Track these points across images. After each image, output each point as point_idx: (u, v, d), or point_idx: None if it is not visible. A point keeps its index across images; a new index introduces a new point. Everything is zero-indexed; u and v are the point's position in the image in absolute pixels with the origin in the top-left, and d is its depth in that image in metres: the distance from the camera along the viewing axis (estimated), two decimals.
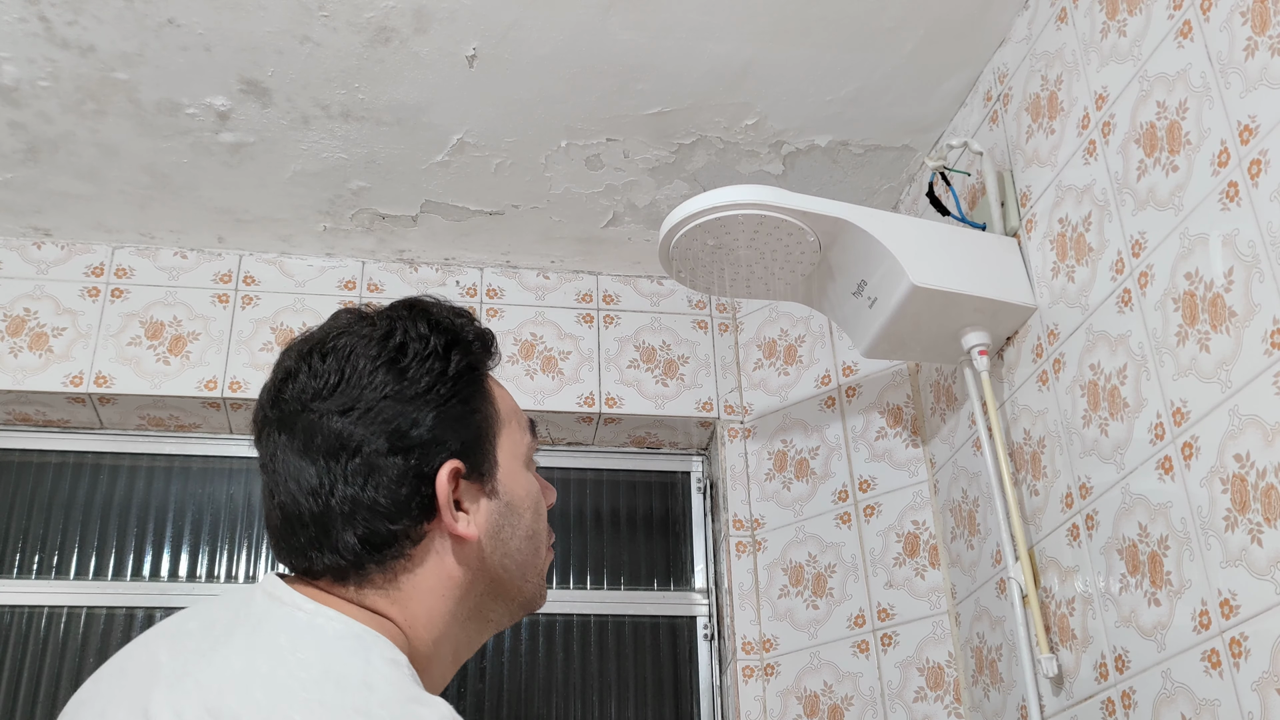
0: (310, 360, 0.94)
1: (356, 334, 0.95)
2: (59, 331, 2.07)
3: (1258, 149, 1.19)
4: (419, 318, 0.98)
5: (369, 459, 0.91)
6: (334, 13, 1.67)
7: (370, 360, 0.94)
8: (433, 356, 0.95)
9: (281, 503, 0.92)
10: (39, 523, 2.07)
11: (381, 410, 0.92)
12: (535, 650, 2.12)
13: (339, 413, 0.92)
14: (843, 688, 1.93)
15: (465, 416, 0.95)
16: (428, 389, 0.94)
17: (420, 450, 0.92)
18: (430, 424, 0.92)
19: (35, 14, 1.65)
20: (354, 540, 0.89)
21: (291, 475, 0.91)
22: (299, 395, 0.93)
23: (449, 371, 0.95)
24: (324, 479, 0.91)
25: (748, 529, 2.13)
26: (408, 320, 0.97)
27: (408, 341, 0.95)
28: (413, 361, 0.94)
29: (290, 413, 0.93)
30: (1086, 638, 1.46)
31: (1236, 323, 1.21)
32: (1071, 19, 1.59)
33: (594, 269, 2.32)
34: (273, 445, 0.93)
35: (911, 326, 1.66)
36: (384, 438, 0.91)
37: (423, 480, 0.91)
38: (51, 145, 1.91)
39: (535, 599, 1.00)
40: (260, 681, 0.76)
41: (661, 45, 1.76)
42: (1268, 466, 1.15)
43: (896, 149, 2.02)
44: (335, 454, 0.91)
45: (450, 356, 0.96)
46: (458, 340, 0.98)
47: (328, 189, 2.05)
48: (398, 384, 0.93)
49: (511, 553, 0.96)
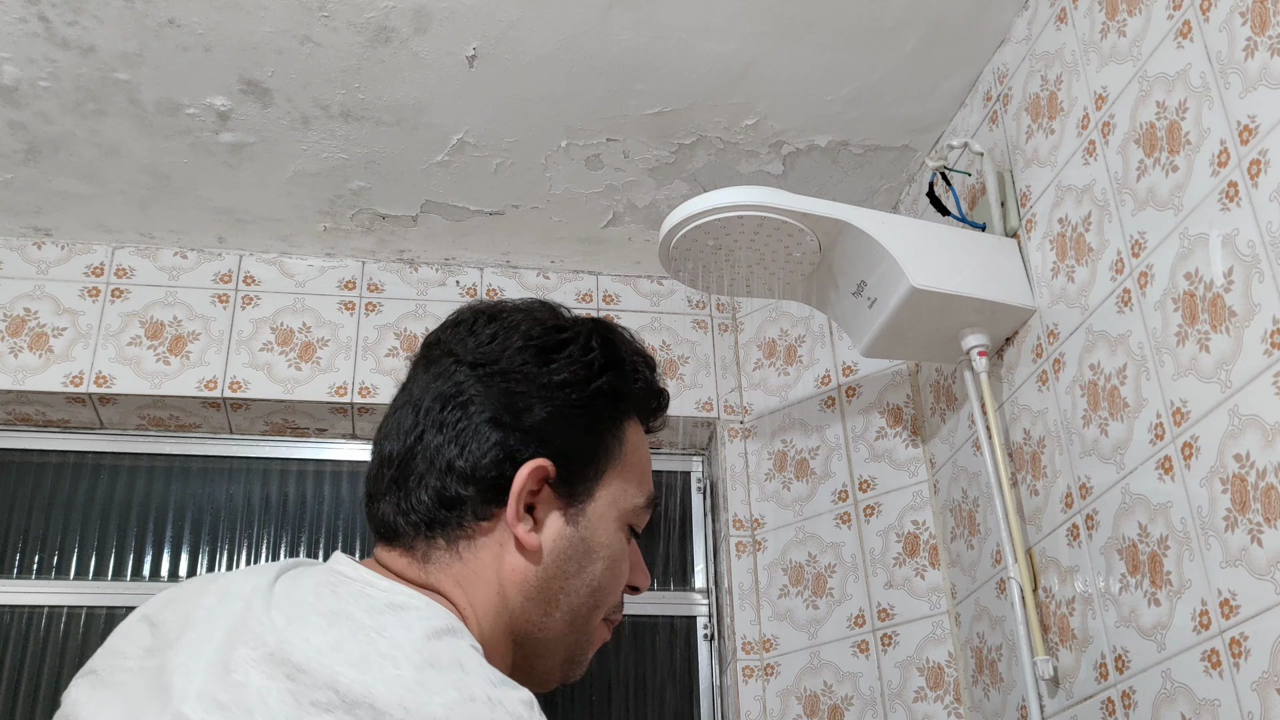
0: (479, 317, 0.93)
1: (533, 315, 0.94)
2: (59, 331, 2.07)
3: (1257, 149, 1.19)
4: (601, 333, 0.95)
5: (470, 417, 0.88)
6: (334, 13, 1.67)
7: (526, 338, 0.92)
8: (586, 365, 0.92)
9: (379, 441, 0.91)
10: (39, 523, 2.07)
11: (508, 379, 0.90)
12: None
13: (470, 365, 0.90)
14: (843, 688, 1.93)
15: (583, 432, 0.92)
16: (560, 385, 0.91)
17: (521, 434, 0.88)
18: (544, 416, 0.89)
19: (35, 14, 1.65)
20: (426, 498, 0.87)
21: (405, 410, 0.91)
22: (450, 340, 0.92)
23: (592, 384, 0.92)
24: (424, 420, 0.89)
25: (748, 529, 2.13)
26: (588, 330, 0.95)
27: (572, 341, 0.92)
28: (565, 359, 0.91)
29: (435, 355, 0.92)
30: (1086, 638, 1.46)
31: (1236, 323, 1.21)
32: (1071, 19, 1.59)
33: (594, 269, 2.32)
34: (412, 381, 0.93)
35: (911, 327, 1.66)
36: (493, 404, 0.89)
37: (509, 462, 0.88)
38: (52, 145, 1.91)
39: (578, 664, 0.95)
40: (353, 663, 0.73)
41: (661, 45, 1.76)
42: (1268, 466, 1.15)
43: (896, 149, 2.02)
44: (446, 400, 0.89)
45: (603, 374, 0.93)
46: (620, 367, 0.95)
47: (328, 189, 2.05)
48: (536, 367, 0.90)
49: (570, 589, 0.91)
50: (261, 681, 0.72)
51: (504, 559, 0.88)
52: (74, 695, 0.81)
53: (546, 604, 0.90)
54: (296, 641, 0.74)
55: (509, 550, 0.88)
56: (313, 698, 0.71)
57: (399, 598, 0.80)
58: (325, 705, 0.70)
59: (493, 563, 0.88)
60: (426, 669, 0.74)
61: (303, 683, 0.72)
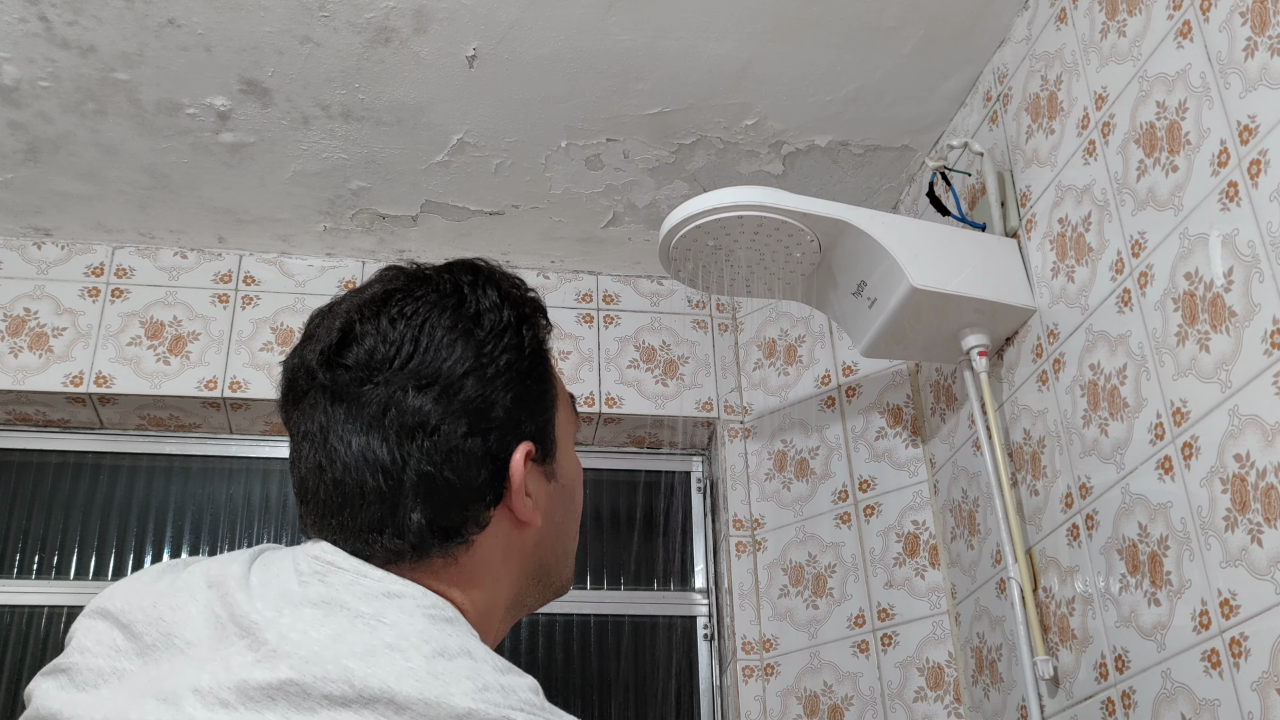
0: (378, 323, 0.86)
1: (424, 299, 0.88)
2: (59, 331, 2.07)
3: (1257, 149, 1.19)
4: (487, 285, 0.91)
5: (447, 439, 0.84)
6: (334, 13, 1.67)
7: (446, 330, 0.87)
8: (509, 331, 0.89)
9: (337, 480, 0.83)
10: (39, 523, 2.07)
11: (463, 388, 0.85)
12: (535, 650, 2.12)
13: (416, 388, 0.84)
14: (843, 688, 1.93)
15: (538, 397, 0.90)
16: (507, 367, 0.88)
17: (499, 432, 0.86)
18: (509, 404, 0.87)
19: (35, 14, 1.65)
20: (421, 521, 0.82)
21: (353, 451, 0.83)
22: (365, 362, 0.84)
23: (524, 348, 0.90)
24: (396, 456, 0.82)
25: (748, 529, 2.13)
26: (477, 288, 0.90)
27: (482, 312, 0.89)
28: (490, 336, 0.88)
29: (351, 380, 0.84)
30: (1086, 638, 1.46)
31: (1236, 323, 1.21)
32: (1071, 19, 1.59)
33: (594, 269, 2.32)
34: (323, 415, 0.85)
35: (911, 327, 1.66)
36: (464, 418, 0.84)
37: (498, 462, 0.85)
38: (52, 145, 1.91)
39: (568, 584, 0.95)
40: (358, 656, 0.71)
41: (661, 45, 1.76)
42: (1268, 466, 1.15)
43: (896, 149, 2.02)
44: (411, 432, 0.83)
45: (523, 332, 0.90)
46: (527, 314, 0.92)
47: (328, 189, 2.05)
48: (476, 360, 0.86)
49: (562, 536, 0.92)
50: (264, 676, 0.69)
51: (506, 547, 0.87)
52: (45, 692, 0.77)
53: (549, 558, 0.91)
54: (294, 635, 0.72)
55: (508, 537, 0.87)
56: (325, 691, 0.68)
57: (394, 586, 0.78)
58: (340, 700, 0.68)
59: (493, 557, 0.87)
60: (436, 658, 0.72)
61: (310, 676, 0.69)
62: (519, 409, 0.87)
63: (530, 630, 2.13)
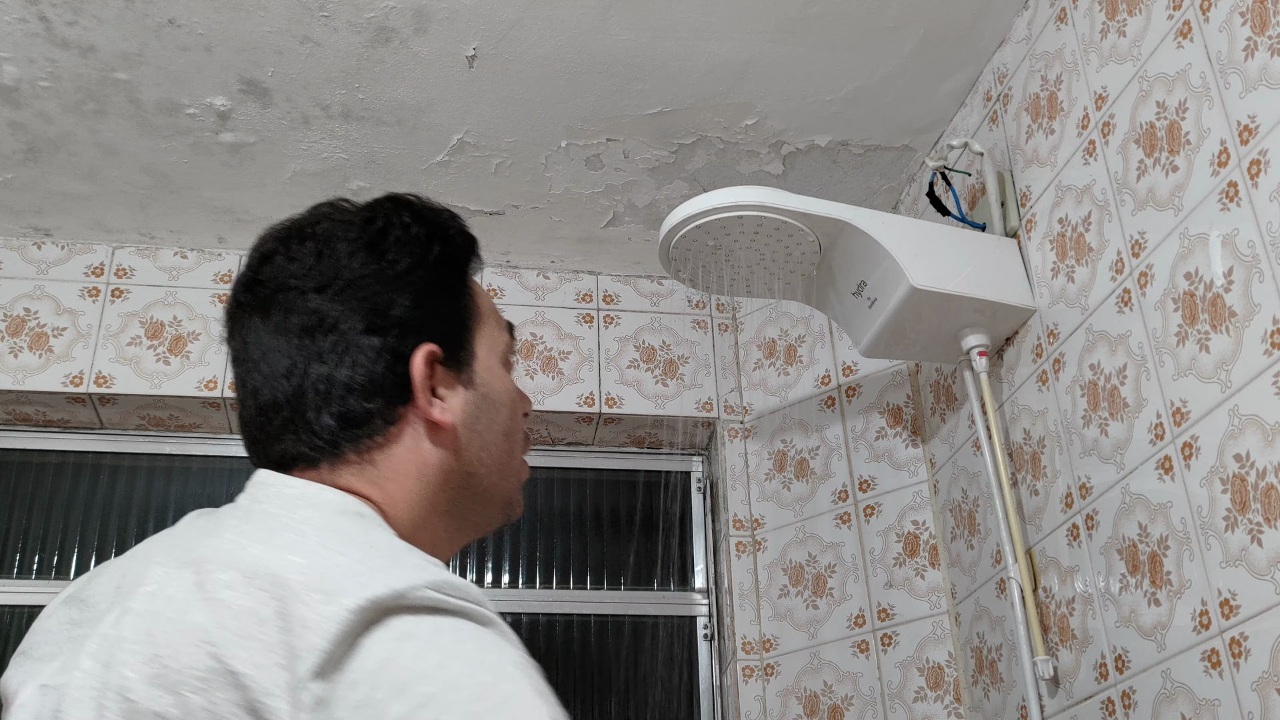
0: (289, 244, 0.93)
1: (336, 219, 0.95)
2: (59, 331, 2.07)
3: (1257, 149, 1.19)
4: (402, 208, 0.98)
5: (345, 336, 0.90)
6: (334, 13, 1.67)
7: (350, 242, 0.93)
8: (414, 242, 0.95)
9: (255, 389, 0.90)
10: (39, 523, 2.07)
11: (360, 287, 0.91)
12: (535, 650, 2.11)
13: (315, 290, 0.90)
14: (843, 688, 1.93)
15: (444, 303, 0.95)
16: (407, 270, 0.93)
17: (398, 330, 0.91)
18: (408, 305, 0.92)
19: (35, 14, 1.65)
20: (330, 420, 0.88)
21: (266, 358, 0.90)
22: (275, 276, 0.91)
23: (429, 258, 0.95)
24: (298, 358, 0.89)
25: (748, 529, 2.13)
26: (390, 209, 0.97)
27: (389, 227, 0.95)
28: (393, 245, 0.94)
29: (266, 295, 0.91)
30: (1086, 638, 1.46)
31: (1236, 323, 1.21)
32: (1071, 19, 1.59)
33: (594, 269, 2.32)
34: (245, 330, 0.91)
35: (911, 327, 1.66)
36: (361, 315, 0.90)
37: (398, 360, 0.90)
38: (52, 145, 1.91)
39: (513, 504, 0.99)
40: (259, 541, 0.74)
41: (661, 45, 1.76)
42: (1268, 466, 1.15)
43: (896, 149, 2.02)
44: (311, 332, 0.89)
45: (432, 245, 0.96)
46: (440, 231, 0.98)
47: (328, 189, 2.04)
48: (377, 264, 0.92)
49: (488, 445, 0.95)
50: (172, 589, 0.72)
51: (421, 448, 0.91)
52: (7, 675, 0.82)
53: (474, 465, 0.94)
54: (204, 548, 0.75)
55: (423, 439, 0.91)
56: (219, 579, 0.70)
57: (310, 491, 0.83)
58: (228, 584, 0.70)
59: (409, 456, 0.90)
60: (329, 535, 0.76)
61: (207, 572, 0.71)
62: (420, 311, 0.92)
63: (530, 630, 2.13)
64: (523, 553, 2.20)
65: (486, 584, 2.16)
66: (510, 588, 2.16)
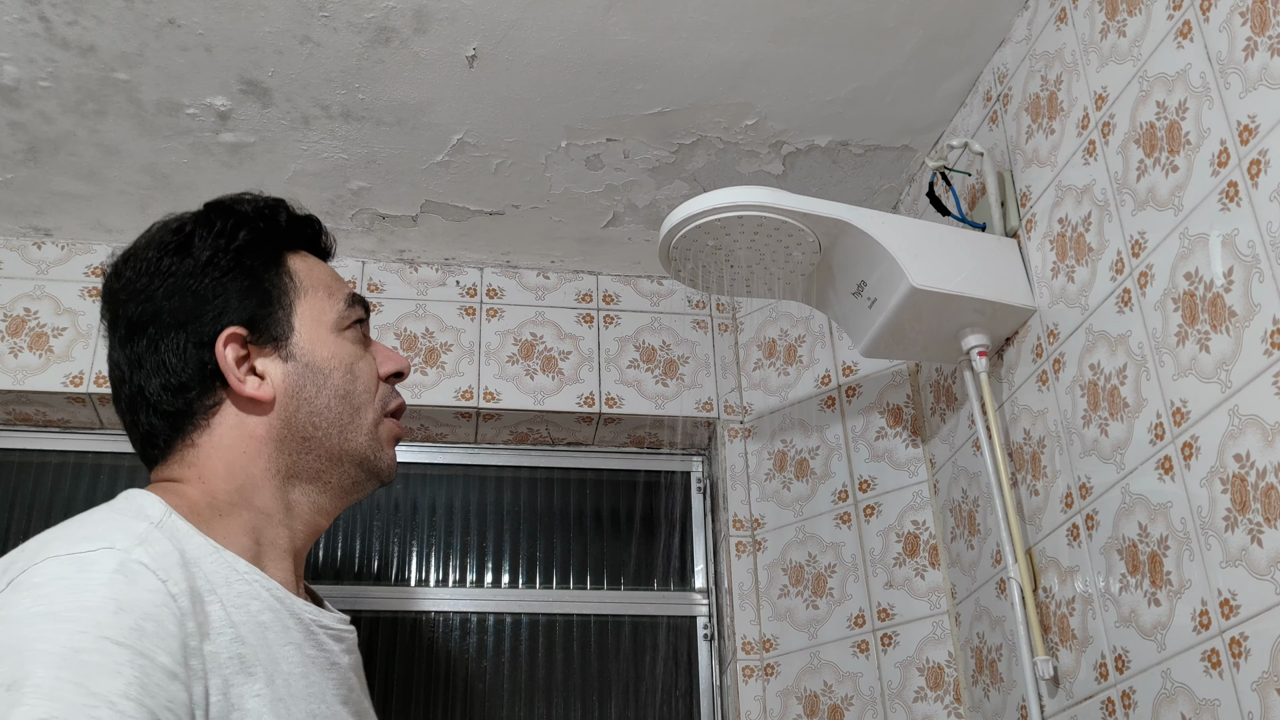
0: (120, 262, 1.04)
1: (154, 232, 1.05)
2: (59, 331, 2.08)
3: (1257, 149, 1.19)
4: (214, 207, 1.07)
5: (153, 338, 0.99)
6: (334, 13, 1.67)
7: (159, 248, 1.02)
8: (217, 235, 1.03)
9: (114, 399, 1.02)
10: (39, 523, 2.07)
11: (164, 289, 1.00)
12: (535, 650, 2.12)
13: (129, 299, 1.00)
14: (843, 688, 1.93)
15: (251, 285, 1.03)
16: (208, 261, 1.01)
17: (197, 321, 0.99)
18: (208, 294, 1.00)
19: (35, 14, 1.65)
20: (155, 420, 0.99)
21: (111, 371, 1.02)
22: (107, 293, 1.03)
23: (232, 246, 1.03)
24: (125, 368, 1.00)
25: (748, 529, 2.13)
26: (203, 211, 1.07)
27: (195, 227, 1.04)
28: (197, 243, 1.02)
29: (104, 311, 1.03)
30: (1086, 638, 1.46)
31: (1236, 323, 1.21)
32: (1071, 19, 1.59)
33: (594, 269, 2.32)
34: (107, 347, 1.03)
35: (911, 327, 1.66)
36: (167, 314, 0.99)
37: (203, 349, 0.99)
38: (52, 145, 1.91)
39: (372, 460, 1.04)
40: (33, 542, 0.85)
41: (661, 45, 1.76)
42: (1268, 466, 1.15)
43: (896, 149, 2.02)
44: (129, 339, 1.00)
45: (236, 234, 1.04)
46: (249, 220, 1.07)
47: (328, 189, 2.05)
48: (180, 263, 1.01)
49: (320, 410, 1.01)
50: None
51: (246, 422, 0.99)
52: None
53: (307, 430, 1.01)
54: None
55: (247, 415, 0.99)
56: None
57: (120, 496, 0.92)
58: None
59: (232, 432, 0.99)
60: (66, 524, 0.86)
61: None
62: (222, 298, 1.01)
63: (531, 630, 2.13)
64: (523, 553, 2.20)
65: (486, 584, 2.16)
66: (510, 588, 2.16)
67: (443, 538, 2.18)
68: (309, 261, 1.11)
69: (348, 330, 1.07)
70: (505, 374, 2.18)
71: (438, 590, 2.13)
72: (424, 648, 2.08)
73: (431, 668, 2.07)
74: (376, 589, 2.10)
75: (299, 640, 0.92)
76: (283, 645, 0.90)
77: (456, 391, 2.15)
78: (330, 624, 0.98)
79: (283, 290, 1.05)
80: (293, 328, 1.03)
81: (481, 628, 2.12)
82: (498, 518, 2.22)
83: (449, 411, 2.14)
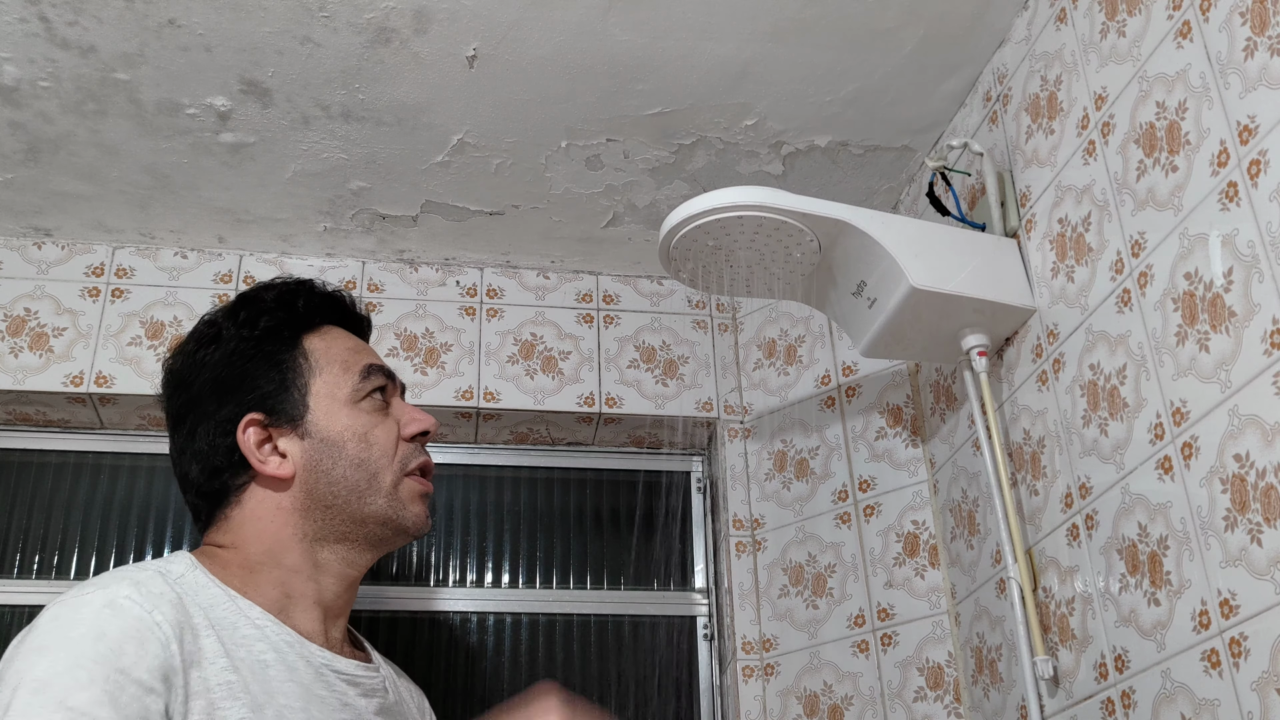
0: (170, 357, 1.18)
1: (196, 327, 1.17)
2: (59, 331, 2.08)
3: (1257, 149, 1.20)
4: (240, 301, 1.18)
5: (192, 426, 1.12)
6: (334, 13, 1.67)
7: (196, 340, 1.15)
8: (241, 324, 1.13)
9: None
10: (39, 523, 2.07)
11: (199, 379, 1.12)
12: (535, 650, 2.12)
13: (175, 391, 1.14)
14: (843, 688, 1.93)
15: (268, 370, 1.12)
16: (234, 351, 1.12)
17: (224, 409, 1.11)
18: (234, 382, 1.11)
19: (35, 14, 1.65)
20: (197, 500, 1.13)
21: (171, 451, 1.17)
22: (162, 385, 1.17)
23: (254, 334, 1.13)
24: (175, 453, 1.14)
25: (748, 529, 2.13)
26: (232, 304, 1.18)
27: (223, 320, 1.15)
28: (222, 337, 1.14)
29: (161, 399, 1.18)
30: (1086, 638, 1.46)
31: (1236, 323, 1.21)
32: (1071, 19, 1.59)
33: (594, 269, 2.32)
34: None
35: (910, 327, 1.66)
36: (201, 404, 1.11)
37: (227, 436, 1.10)
38: (52, 145, 1.91)
39: (394, 518, 1.14)
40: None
41: (661, 45, 1.76)
42: (1267, 466, 1.15)
43: (896, 149, 2.02)
44: (176, 428, 1.14)
45: (258, 321, 1.14)
46: (265, 308, 1.16)
47: (328, 189, 2.05)
48: (213, 354, 1.12)
49: (337, 480, 1.11)
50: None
51: (272, 497, 1.10)
52: None
53: (328, 499, 1.11)
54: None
55: (273, 490, 1.11)
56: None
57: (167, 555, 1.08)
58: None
59: (261, 507, 1.11)
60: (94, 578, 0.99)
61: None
62: (244, 387, 1.11)
63: (531, 630, 2.13)
64: (523, 553, 2.20)
65: (486, 584, 2.16)
66: (510, 588, 2.16)
67: (442, 538, 2.18)
68: (329, 338, 1.19)
69: (364, 401, 1.15)
70: (505, 374, 2.18)
71: (437, 590, 2.13)
72: (423, 647, 2.09)
73: (431, 667, 2.07)
74: (376, 589, 2.10)
75: (307, 681, 1.02)
76: (284, 682, 1.00)
77: (456, 391, 2.15)
78: (344, 669, 1.07)
79: (297, 372, 1.14)
80: (308, 406, 1.12)
81: (481, 627, 2.12)
82: (497, 518, 2.22)
83: (449, 411, 2.14)
